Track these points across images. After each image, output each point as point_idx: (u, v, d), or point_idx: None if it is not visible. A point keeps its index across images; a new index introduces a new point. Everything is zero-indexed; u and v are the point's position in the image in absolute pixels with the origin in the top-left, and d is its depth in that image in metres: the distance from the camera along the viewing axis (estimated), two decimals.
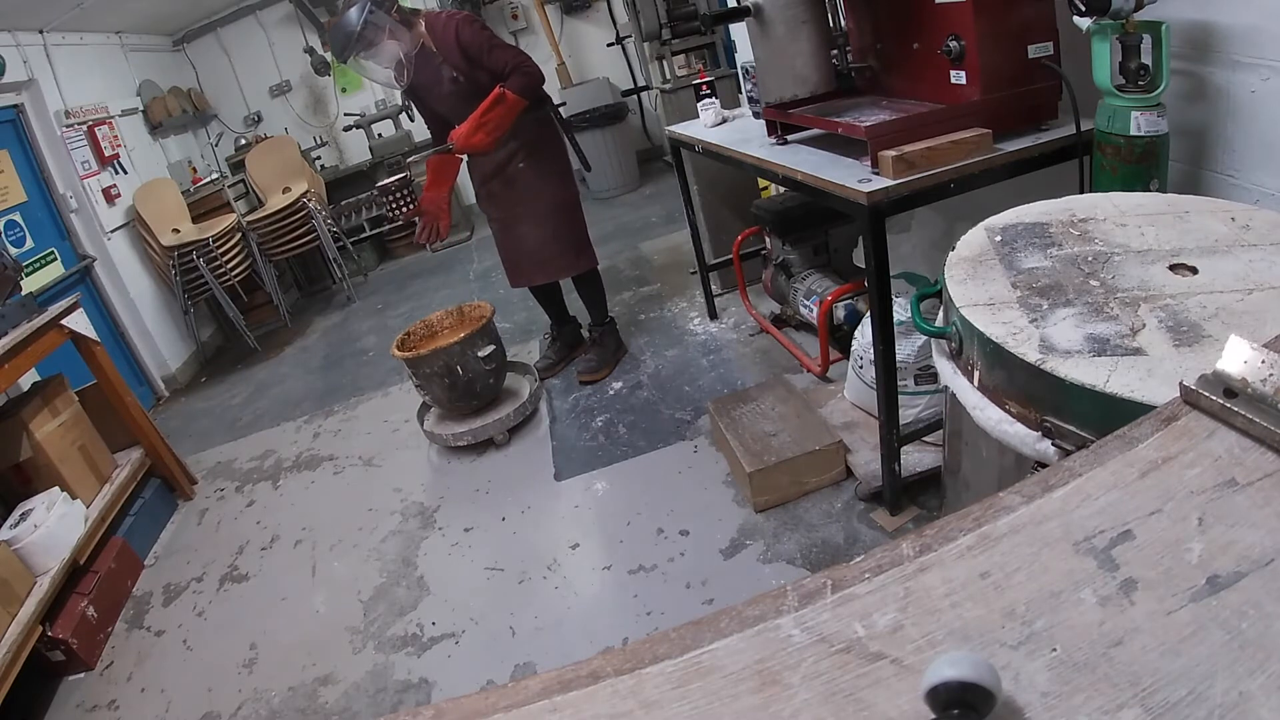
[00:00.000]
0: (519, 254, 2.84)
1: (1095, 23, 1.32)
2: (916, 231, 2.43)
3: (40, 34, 3.91)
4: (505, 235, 2.83)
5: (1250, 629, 0.35)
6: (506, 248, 2.87)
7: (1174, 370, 0.74)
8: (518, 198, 2.72)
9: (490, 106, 2.40)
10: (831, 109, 1.85)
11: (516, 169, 2.68)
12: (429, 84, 2.53)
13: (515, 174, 2.69)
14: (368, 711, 1.73)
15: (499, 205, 2.77)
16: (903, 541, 0.44)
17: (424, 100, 2.67)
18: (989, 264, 1.01)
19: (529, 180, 2.70)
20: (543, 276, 2.88)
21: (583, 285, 2.94)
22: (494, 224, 2.86)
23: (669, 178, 5.20)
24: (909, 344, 1.87)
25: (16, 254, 3.19)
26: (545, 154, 2.71)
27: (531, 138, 2.65)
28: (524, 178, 2.69)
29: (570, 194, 2.81)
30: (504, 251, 2.90)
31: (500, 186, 2.72)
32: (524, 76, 2.43)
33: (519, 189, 2.71)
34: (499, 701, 0.40)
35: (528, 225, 2.75)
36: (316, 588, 2.22)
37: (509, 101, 2.42)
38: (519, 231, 2.78)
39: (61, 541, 2.22)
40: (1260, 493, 0.42)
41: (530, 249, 2.79)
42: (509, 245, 2.85)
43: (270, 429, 3.40)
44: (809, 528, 1.88)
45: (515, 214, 2.74)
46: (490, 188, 2.75)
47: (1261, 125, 1.30)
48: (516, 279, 2.93)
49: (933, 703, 0.34)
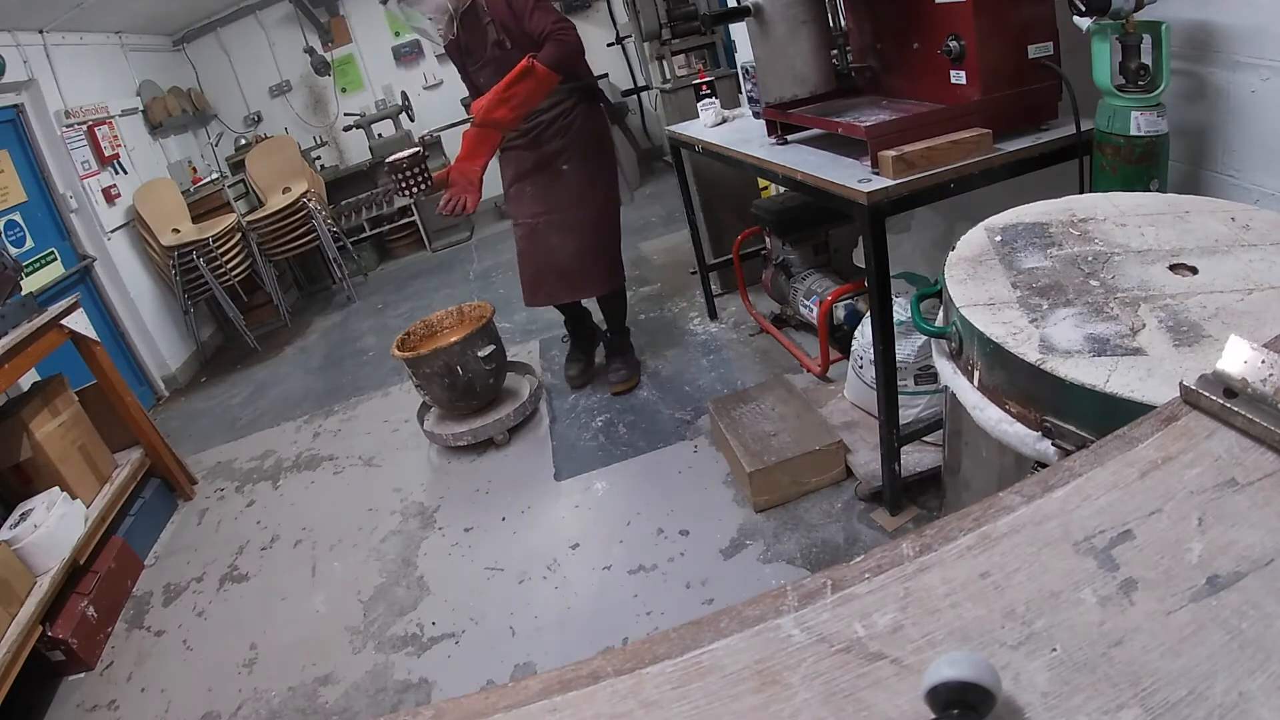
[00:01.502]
0: (546, 267, 2.51)
1: (1095, 23, 1.32)
2: (916, 231, 2.43)
3: (40, 34, 3.91)
4: (532, 243, 2.51)
5: (1250, 629, 0.35)
6: (532, 258, 2.53)
7: (1174, 370, 0.74)
8: (559, 202, 2.42)
9: (517, 79, 2.14)
10: (831, 109, 1.85)
11: (560, 169, 2.41)
12: (472, 46, 2.32)
13: (559, 174, 2.41)
14: (368, 711, 1.73)
15: (533, 207, 2.47)
16: (903, 541, 0.44)
17: (465, 67, 2.44)
18: (989, 264, 1.01)
19: (576, 183, 2.42)
20: (570, 294, 2.58)
21: (608, 300, 2.70)
22: (520, 228, 2.55)
23: (669, 178, 5.20)
24: (909, 344, 1.87)
25: (16, 254, 3.19)
26: (597, 155, 2.46)
27: (586, 137, 2.40)
28: (570, 180, 2.41)
29: (616, 202, 2.56)
30: (528, 262, 2.55)
31: (539, 187, 2.44)
32: (558, 46, 2.17)
33: (561, 192, 2.41)
34: (499, 701, 0.40)
35: (564, 235, 2.44)
36: (316, 588, 2.22)
37: (538, 74, 2.14)
38: (551, 241, 2.46)
39: (61, 541, 2.22)
40: (1260, 493, 0.42)
41: (560, 262, 2.49)
42: (536, 255, 2.52)
43: (270, 429, 3.40)
44: (809, 528, 1.88)
45: (552, 220, 2.44)
46: (525, 186, 2.48)
47: (1261, 125, 1.30)
48: (536, 296, 2.60)
49: (933, 703, 0.34)
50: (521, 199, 2.50)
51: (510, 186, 2.55)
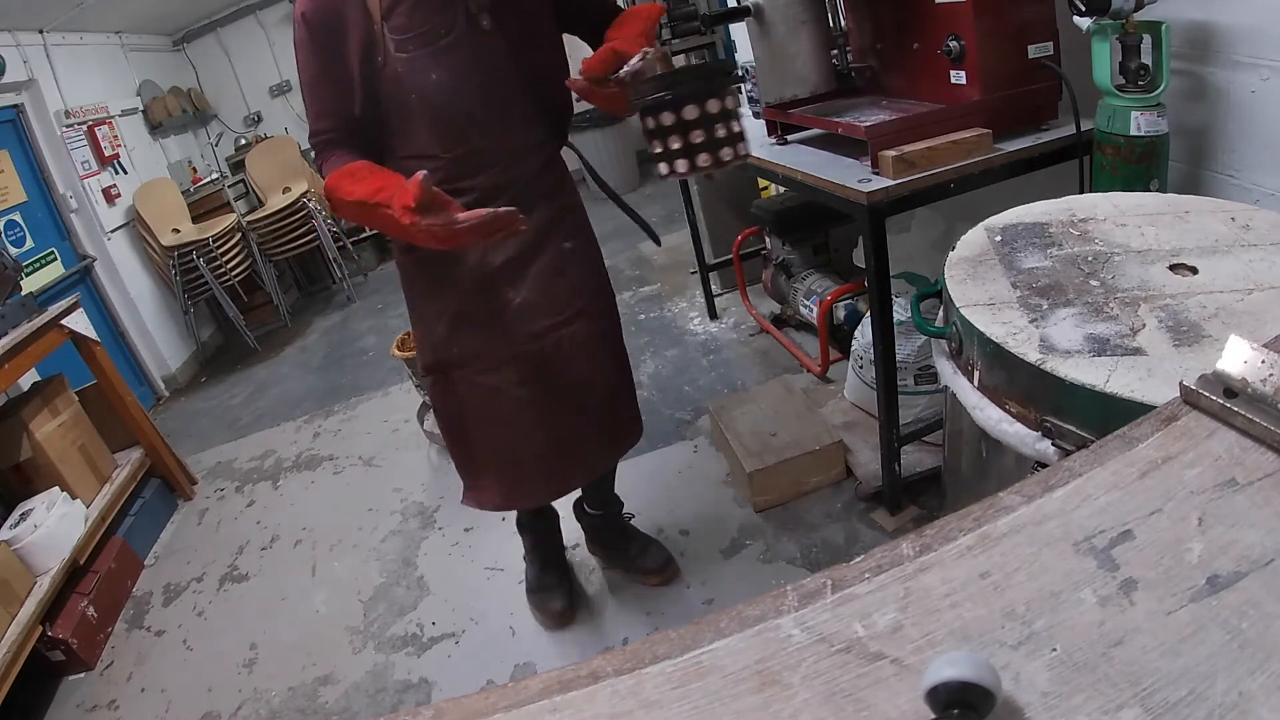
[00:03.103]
0: (572, 428, 1.48)
1: (1095, 23, 1.32)
2: (916, 231, 2.43)
3: (40, 34, 3.91)
4: (541, 386, 1.44)
5: (1250, 629, 0.35)
6: (541, 417, 1.45)
7: (1174, 370, 0.74)
8: (576, 299, 1.44)
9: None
10: (831, 109, 1.85)
11: (563, 249, 1.43)
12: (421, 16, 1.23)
13: (563, 257, 1.43)
14: (368, 711, 1.73)
15: (533, 321, 1.40)
16: (903, 541, 0.44)
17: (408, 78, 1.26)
18: (989, 264, 1.01)
19: (591, 265, 1.51)
20: (609, 457, 1.61)
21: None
22: (506, 369, 1.42)
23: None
24: (909, 344, 1.87)
25: (16, 254, 3.18)
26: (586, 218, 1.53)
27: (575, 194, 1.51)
28: (580, 261, 1.47)
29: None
30: (531, 428, 1.46)
31: (537, 284, 1.40)
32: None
33: (573, 283, 1.44)
34: (499, 701, 0.40)
35: (595, 353, 1.48)
36: (316, 588, 2.22)
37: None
38: (578, 371, 1.45)
39: (61, 541, 2.22)
40: (1260, 493, 0.42)
41: (595, 404, 1.50)
42: (549, 408, 1.45)
43: (270, 429, 3.40)
44: (809, 528, 1.88)
45: (575, 334, 1.44)
46: (501, 295, 1.39)
47: (1261, 125, 1.30)
48: (548, 486, 1.56)
49: (933, 703, 0.34)
50: (495, 318, 1.39)
51: (464, 305, 1.39)
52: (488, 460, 1.52)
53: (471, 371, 1.44)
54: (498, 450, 1.50)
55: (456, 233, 1.06)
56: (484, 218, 1.05)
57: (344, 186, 1.17)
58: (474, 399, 1.46)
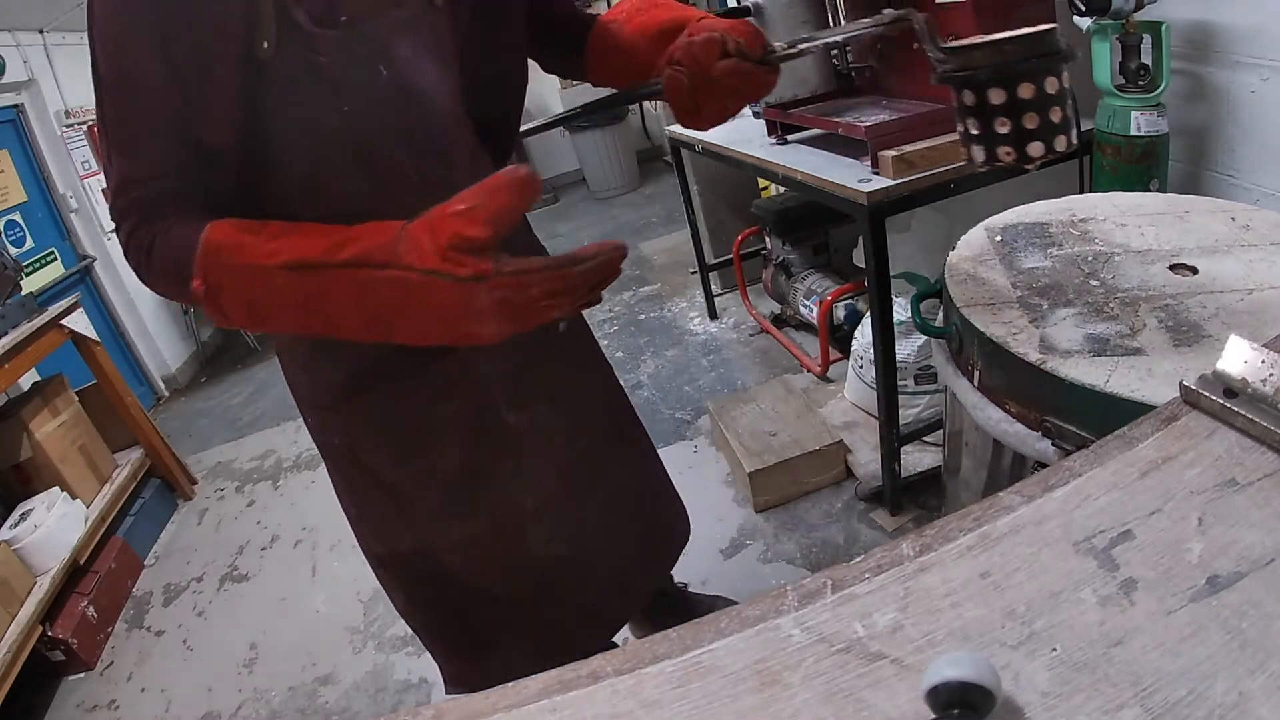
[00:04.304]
0: (614, 554, 1.15)
1: (1095, 23, 1.32)
2: (916, 231, 2.43)
3: (40, 34, 3.91)
4: (571, 520, 1.08)
5: (1250, 629, 0.35)
6: (571, 571, 1.10)
7: (1174, 370, 0.74)
8: (593, 398, 1.16)
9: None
10: (831, 109, 1.85)
11: (558, 334, 1.08)
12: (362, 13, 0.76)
13: (558, 348, 1.08)
14: (368, 711, 1.73)
15: (542, 460, 1.03)
16: (903, 541, 0.44)
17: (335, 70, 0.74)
18: (989, 264, 1.01)
19: (595, 351, 1.20)
20: (666, 563, 1.31)
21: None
22: (519, 539, 1.04)
23: (669, 178, 5.20)
24: (909, 344, 1.87)
25: (16, 254, 3.18)
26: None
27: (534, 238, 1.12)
28: (582, 349, 1.17)
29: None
30: (565, 582, 1.10)
31: (539, 397, 1.02)
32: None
33: (581, 378, 1.14)
34: (499, 701, 0.40)
35: (625, 458, 1.23)
36: (317, 588, 2.22)
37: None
38: (611, 478, 1.15)
39: (61, 541, 2.22)
40: (1260, 493, 0.42)
41: (643, 510, 1.24)
42: (572, 546, 1.09)
43: (270, 429, 3.40)
44: (809, 528, 1.88)
45: (605, 448, 1.15)
46: (500, 428, 0.99)
47: (1262, 125, 1.30)
48: (610, 616, 1.19)
49: (933, 702, 0.34)
50: (505, 456, 1.00)
51: (461, 465, 0.99)
52: (508, 634, 1.09)
53: (484, 545, 1.01)
54: (521, 617, 1.09)
55: (567, 284, 0.61)
56: (597, 257, 0.62)
57: (253, 246, 0.66)
58: (489, 574, 1.05)
